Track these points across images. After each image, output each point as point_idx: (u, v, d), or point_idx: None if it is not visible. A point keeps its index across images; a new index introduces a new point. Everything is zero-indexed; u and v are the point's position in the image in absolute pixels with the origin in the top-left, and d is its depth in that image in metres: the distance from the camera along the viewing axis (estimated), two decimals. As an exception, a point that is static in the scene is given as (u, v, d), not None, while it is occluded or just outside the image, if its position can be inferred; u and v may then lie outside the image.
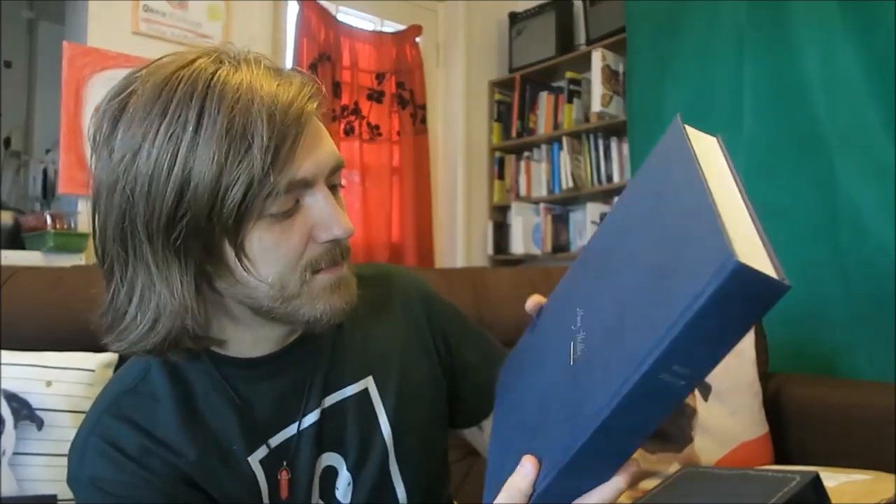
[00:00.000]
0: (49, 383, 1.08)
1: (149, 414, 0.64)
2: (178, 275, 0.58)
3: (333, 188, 0.63)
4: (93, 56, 1.99)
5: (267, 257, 0.59)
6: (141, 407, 0.64)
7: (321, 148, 0.60)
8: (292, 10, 2.46)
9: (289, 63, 2.40)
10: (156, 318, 0.59)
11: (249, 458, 0.64)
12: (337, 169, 0.62)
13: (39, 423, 1.06)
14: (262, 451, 0.65)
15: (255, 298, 0.61)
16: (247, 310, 0.62)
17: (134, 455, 0.61)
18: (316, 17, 2.48)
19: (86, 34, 2.02)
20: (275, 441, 0.65)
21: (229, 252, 0.58)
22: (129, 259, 0.58)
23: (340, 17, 2.61)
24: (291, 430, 0.66)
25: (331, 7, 2.57)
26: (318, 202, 0.60)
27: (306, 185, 0.59)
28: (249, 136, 0.55)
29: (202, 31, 2.16)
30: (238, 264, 0.58)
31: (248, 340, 0.66)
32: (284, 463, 0.65)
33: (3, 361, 1.08)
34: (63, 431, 1.06)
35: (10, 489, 1.03)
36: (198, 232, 0.56)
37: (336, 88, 2.50)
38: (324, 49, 2.48)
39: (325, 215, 0.60)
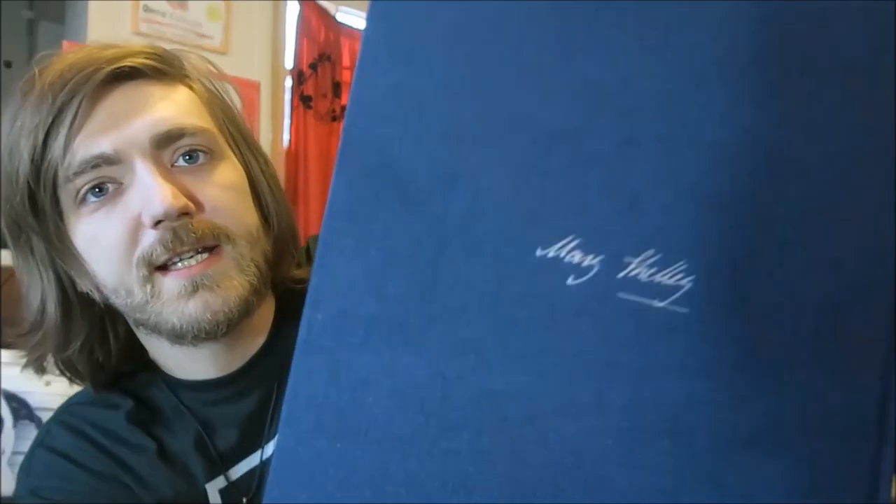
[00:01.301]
0: (48, 383, 1.08)
1: (101, 421, 0.56)
2: (42, 281, 0.52)
3: (192, 158, 0.50)
4: (93, 56, 1.99)
5: (92, 254, 0.49)
6: (94, 415, 0.57)
7: (132, 117, 0.49)
8: (292, 10, 2.46)
9: (289, 64, 2.40)
10: (43, 330, 0.53)
11: (207, 485, 0.55)
12: (167, 138, 0.49)
13: (38, 423, 1.06)
14: (220, 482, 0.56)
15: (122, 310, 0.51)
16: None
17: (81, 461, 0.54)
18: (316, 18, 2.48)
19: (86, 34, 2.03)
20: (235, 472, 0.56)
21: (75, 251, 0.50)
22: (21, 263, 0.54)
23: (340, 17, 2.61)
24: (255, 459, 0.56)
25: (331, 7, 2.57)
26: (137, 179, 0.48)
27: (110, 161, 0.48)
28: (33, 111, 0.48)
29: (202, 32, 2.17)
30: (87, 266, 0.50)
31: (183, 360, 0.55)
32: (244, 500, 0.55)
33: (2, 361, 1.08)
34: (62, 431, 1.07)
35: (9, 489, 1.03)
36: (32, 230, 0.50)
37: (336, 88, 2.51)
38: (324, 49, 2.49)
39: (143, 191, 0.48)
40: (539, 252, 0.26)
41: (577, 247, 0.26)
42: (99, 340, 0.55)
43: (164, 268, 0.49)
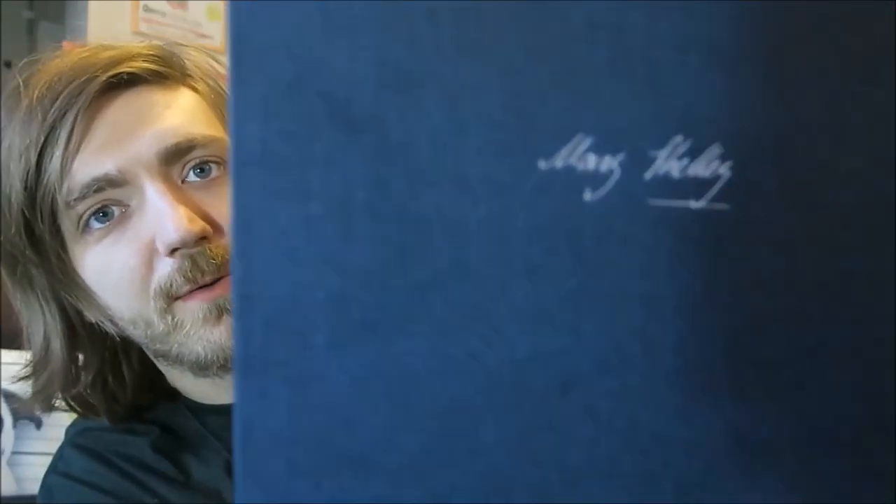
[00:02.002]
0: (48, 382, 1.08)
1: (122, 447, 0.52)
2: (44, 315, 0.49)
3: (204, 171, 0.46)
4: (93, 56, 1.99)
5: (103, 286, 0.46)
6: (114, 441, 0.53)
7: (135, 130, 0.44)
8: (292, 11, 2.47)
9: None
10: (49, 369, 0.49)
11: None
12: (176, 152, 0.45)
13: (38, 423, 1.06)
14: None
15: (140, 342, 0.48)
16: None
17: (102, 485, 0.50)
18: (316, 18, 2.49)
19: (86, 34, 2.03)
20: None
21: (81, 283, 0.46)
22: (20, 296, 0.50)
23: (340, 17, 2.61)
24: None
25: (331, 7, 2.58)
26: (147, 201, 0.44)
27: (115, 183, 0.44)
28: (22, 130, 0.44)
29: (202, 31, 2.17)
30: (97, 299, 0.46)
31: (208, 388, 0.51)
32: None
33: (2, 361, 1.08)
34: (62, 431, 1.06)
35: (9, 488, 1.03)
36: (32, 263, 0.47)
37: (336, 89, 2.52)
38: (324, 49, 2.49)
39: (155, 215, 0.43)
40: (543, 164, 0.19)
41: (590, 148, 0.19)
42: (112, 372, 0.52)
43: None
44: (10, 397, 1.06)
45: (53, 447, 1.06)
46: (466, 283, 0.19)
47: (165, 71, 0.48)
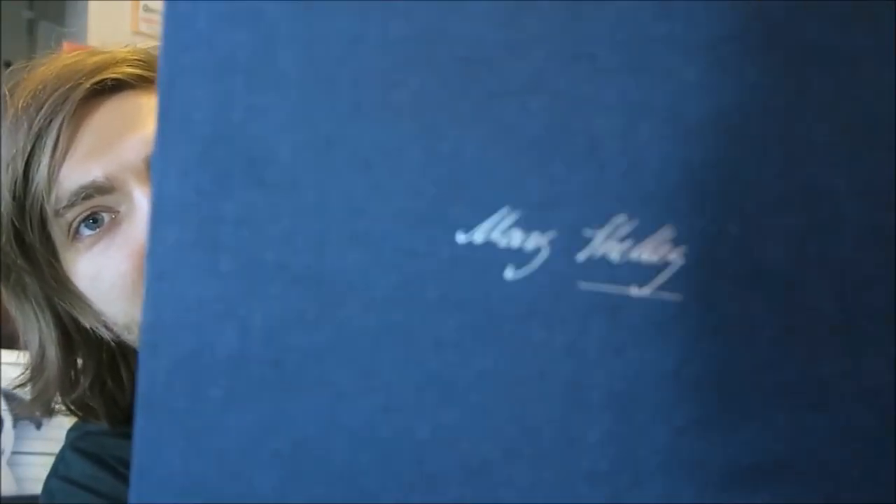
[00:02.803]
0: (48, 383, 1.08)
1: (120, 452, 0.52)
2: (39, 322, 0.49)
3: None
4: (93, 56, 1.99)
5: (96, 292, 0.46)
6: (113, 445, 0.53)
7: (122, 136, 0.44)
8: (292, 11, 2.46)
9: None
10: (45, 376, 0.50)
11: None
12: None
13: (38, 423, 1.06)
14: None
15: (136, 347, 0.48)
16: None
17: (102, 491, 0.51)
18: (316, 18, 2.49)
19: (86, 34, 2.03)
20: None
21: (75, 289, 0.47)
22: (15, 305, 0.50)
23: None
24: None
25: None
26: (136, 207, 0.44)
27: (103, 189, 0.44)
28: (8, 139, 0.44)
29: (202, 32, 2.17)
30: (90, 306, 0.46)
31: None
32: None
33: (3, 361, 1.08)
34: (62, 431, 1.06)
35: (9, 488, 1.04)
36: (24, 271, 0.47)
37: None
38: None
39: (145, 220, 0.41)
40: (461, 237, 0.18)
41: (516, 223, 0.18)
42: (111, 375, 0.52)
43: None
44: (10, 398, 1.06)
45: (53, 447, 1.06)
46: (367, 352, 0.19)
47: (151, 75, 0.47)
